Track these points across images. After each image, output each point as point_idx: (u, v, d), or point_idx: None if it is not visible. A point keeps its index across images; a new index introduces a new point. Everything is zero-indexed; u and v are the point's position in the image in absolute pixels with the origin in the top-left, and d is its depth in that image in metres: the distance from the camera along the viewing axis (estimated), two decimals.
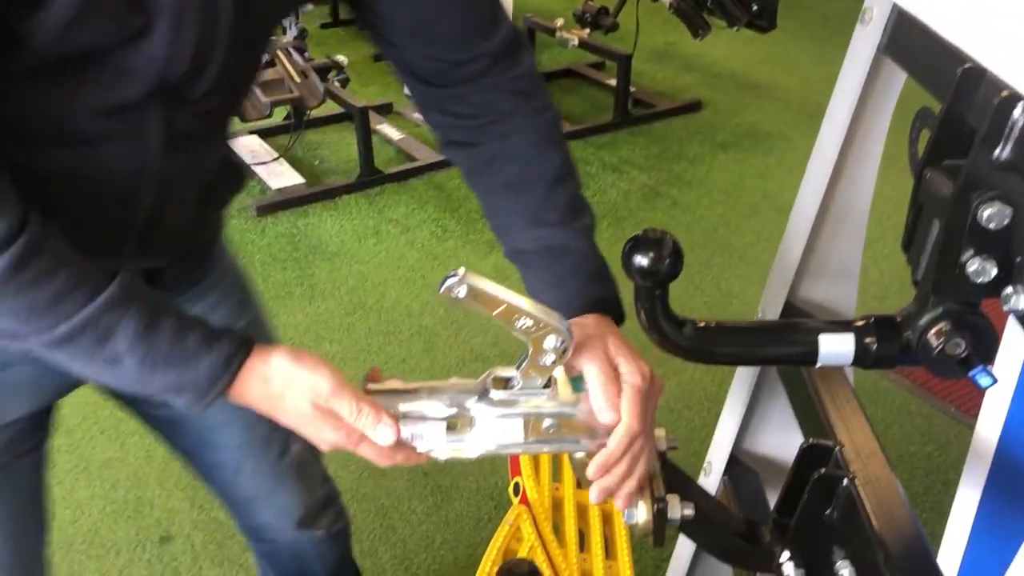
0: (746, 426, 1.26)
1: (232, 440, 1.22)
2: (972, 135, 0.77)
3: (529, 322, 0.76)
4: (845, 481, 0.85)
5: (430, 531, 2.05)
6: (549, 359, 0.79)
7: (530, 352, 0.78)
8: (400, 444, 0.80)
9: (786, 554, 0.88)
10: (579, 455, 0.84)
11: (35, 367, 0.97)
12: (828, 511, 0.86)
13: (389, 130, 3.92)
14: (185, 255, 1.07)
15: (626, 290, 0.87)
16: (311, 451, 1.27)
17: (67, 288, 0.77)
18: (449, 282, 0.74)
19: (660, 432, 0.88)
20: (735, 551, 0.91)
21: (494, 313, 0.76)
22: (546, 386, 0.81)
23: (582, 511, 1.50)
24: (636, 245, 0.77)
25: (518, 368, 0.80)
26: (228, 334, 0.81)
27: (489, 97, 0.94)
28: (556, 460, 1.58)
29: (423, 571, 1.95)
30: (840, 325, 0.82)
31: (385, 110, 4.21)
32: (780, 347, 0.83)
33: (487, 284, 0.75)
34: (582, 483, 1.50)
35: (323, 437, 0.82)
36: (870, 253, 1.18)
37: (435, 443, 0.80)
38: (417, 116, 4.14)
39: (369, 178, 3.48)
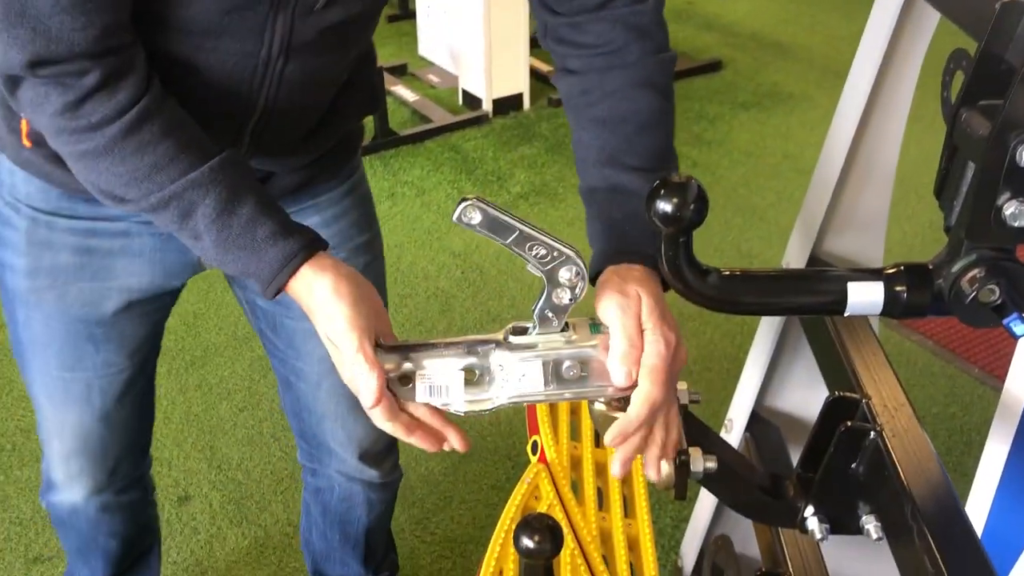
0: (768, 382, 1.24)
1: (318, 351, 1.23)
2: (1010, 73, 0.74)
3: (543, 250, 0.75)
4: (872, 434, 0.83)
5: (448, 491, 2.05)
6: (565, 296, 0.77)
7: (545, 289, 0.76)
8: (393, 412, 0.79)
9: (810, 509, 0.86)
10: (599, 407, 0.82)
11: (155, 240, 1.08)
12: (854, 465, 0.84)
13: (404, 91, 3.88)
14: (301, 166, 1.11)
15: None
16: None
17: (164, 161, 0.83)
18: (462, 207, 0.73)
19: (682, 386, 0.86)
20: (758, 506, 0.89)
21: (508, 240, 0.74)
22: (563, 329, 0.79)
23: (600, 469, 1.49)
24: (659, 190, 0.74)
25: (534, 310, 0.78)
26: (299, 232, 0.85)
27: (604, 28, 0.92)
28: (574, 418, 1.57)
29: (441, 530, 1.96)
30: (869, 273, 0.80)
31: (400, 71, 4.17)
32: (807, 296, 0.81)
33: (499, 210, 0.74)
34: (601, 440, 1.49)
35: (337, 367, 0.83)
36: (892, 213, 1.15)
37: (452, 396, 0.79)
38: (432, 77, 4.09)
39: (384, 140, 3.46)
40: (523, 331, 0.80)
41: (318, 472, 1.43)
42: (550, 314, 0.78)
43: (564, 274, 0.76)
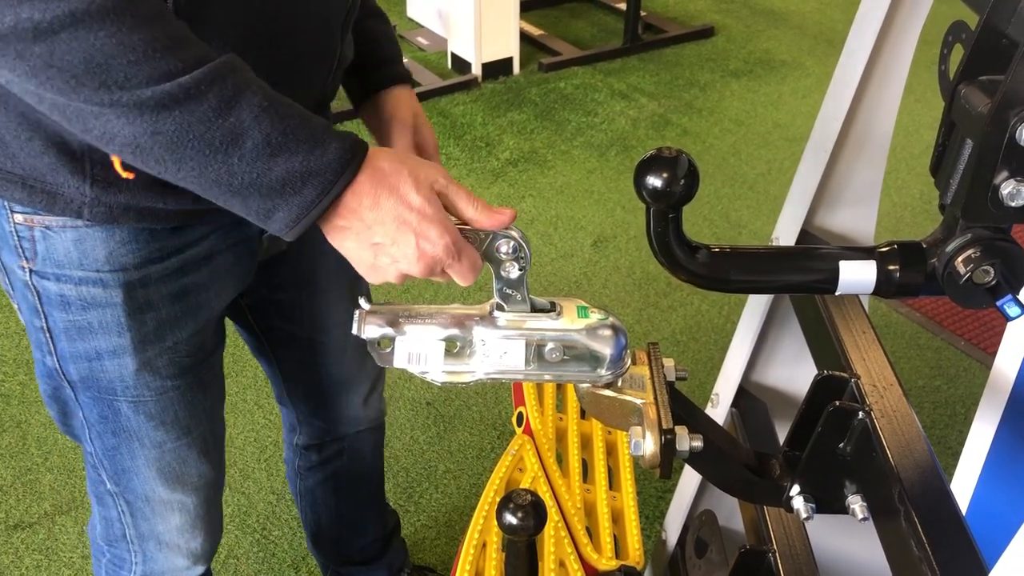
0: (756, 357, 1.22)
1: (343, 314, 1.23)
2: (1012, 48, 0.72)
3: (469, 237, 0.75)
4: (860, 414, 0.81)
5: (433, 460, 2.04)
6: (513, 270, 0.76)
7: (492, 270, 0.76)
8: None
9: (796, 487, 0.85)
10: (584, 385, 0.81)
11: (231, 255, 1.00)
12: (842, 444, 0.83)
13: None
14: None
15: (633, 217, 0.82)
16: None
17: (184, 35, 0.67)
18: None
19: (669, 362, 0.85)
20: (744, 484, 0.88)
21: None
22: (552, 311, 0.77)
23: (585, 442, 1.48)
24: (649, 165, 0.72)
25: (495, 293, 0.77)
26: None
27: None
28: (560, 390, 1.56)
29: (425, 500, 1.95)
30: (862, 251, 0.78)
31: None
32: (798, 274, 0.79)
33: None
34: (586, 413, 1.48)
35: (431, 236, 0.73)
36: (882, 185, 1.13)
37: (430, 365, 0.78)
38: (421, 40, 4.03)
39: None
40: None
41: (326, 445, 1.43)
42: (509, 291, 0.77)
43: (501, 250, 0.75)
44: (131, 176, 0.84)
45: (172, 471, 1.09)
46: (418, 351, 0.78)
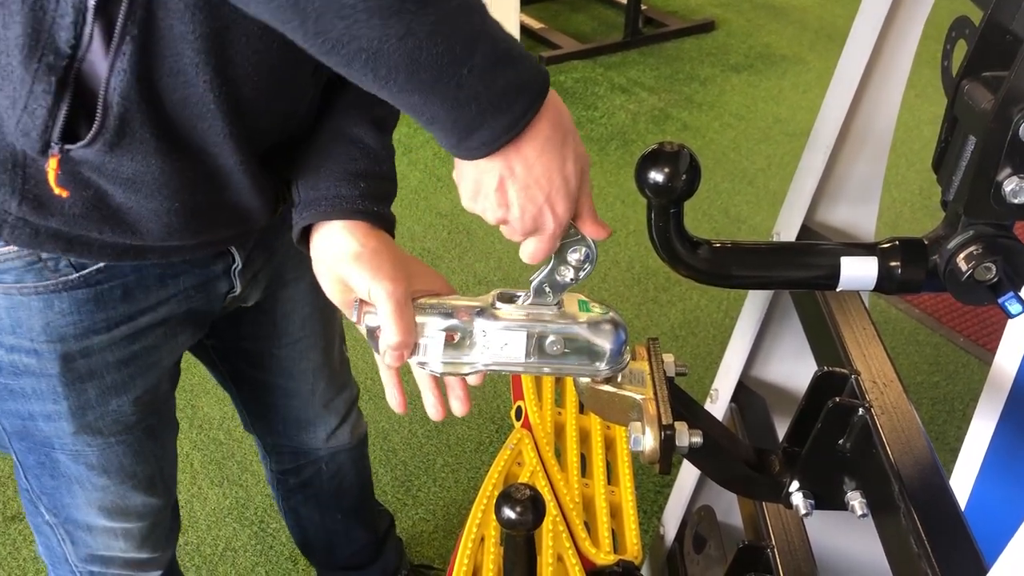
0: (755, 352, 1.22)
1: (311, 363, 1.23)
2: (1016, 45, 0.72)
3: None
4: (860, 410, 0.81)
5: (431, 454, 2.04)
6: (568, 274, 0.76)
7: (551, 263, 0.75)
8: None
9: (795, 484, 0.85)
10: (584, 380, 0.81)
11: (189, 308, 0.96)
12: (841, 440, 0.83)
13: None
14: None
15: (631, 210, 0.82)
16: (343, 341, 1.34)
17: None
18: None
19: (669, 358, 0.85)
20: (743, 480, 0.88)
21: None
22: (554, 304, 0.77)
23: (584, 436, 1.48)
24: (651, 159, 0.72)
25: (532, 281, 0.76)
26: None
27: None
28: (559, 385, 1.56)
29: (424, 493, 1.95)
30: (863, 247, 0.78)
31: None
32: (799, 270, 0.79)
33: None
34: (585, 408, 1.48)
35: (558, 207, 0.70)
36: (884, 182, 1.13)
37: (430, 355, 0.77)
38: None
39: None
40: (510, 299, 0.78)
41: (302, 468, 1.42)
42: (547, 288, 0.77)
43: (573, 255, 0.75)
44: (65, 194, 0.75)
45: (115, 506, 1.07)
46: (419, 341, 0.78)
